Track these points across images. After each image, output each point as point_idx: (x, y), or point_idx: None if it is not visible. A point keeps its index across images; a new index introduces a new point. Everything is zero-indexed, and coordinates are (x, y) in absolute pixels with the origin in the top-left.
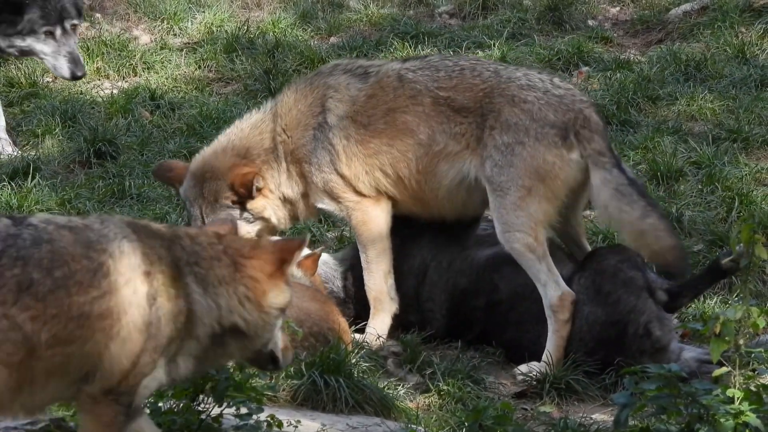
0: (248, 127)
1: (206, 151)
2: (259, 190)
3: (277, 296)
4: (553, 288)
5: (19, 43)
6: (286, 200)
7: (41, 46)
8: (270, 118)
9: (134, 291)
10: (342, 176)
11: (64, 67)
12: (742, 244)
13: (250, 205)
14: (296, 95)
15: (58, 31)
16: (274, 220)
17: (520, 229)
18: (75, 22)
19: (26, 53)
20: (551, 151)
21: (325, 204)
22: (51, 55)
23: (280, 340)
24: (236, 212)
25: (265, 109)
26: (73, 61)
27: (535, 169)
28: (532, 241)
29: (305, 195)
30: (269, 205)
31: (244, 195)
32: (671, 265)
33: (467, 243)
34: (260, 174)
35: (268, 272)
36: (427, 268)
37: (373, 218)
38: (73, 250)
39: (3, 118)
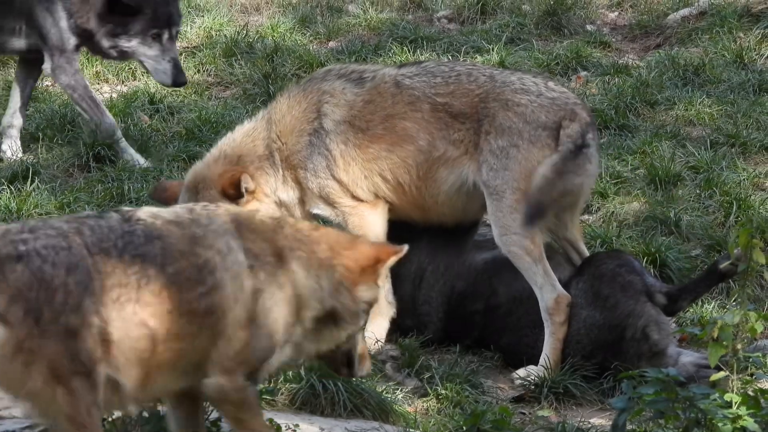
0: (240, 137)
1: (198, 165)
2: (249, 191)
3: (366, 291)
4: (549, 291)
5: (124, 44)
6: (281, 205)
7: (146, 49)
8: (263, 126)
9: (240, 287)
10: (339, 181)
11: (167, 72)
12: (739, 248)
13: (246, 207)
14: (290, 102)
15: (165, 36)
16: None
17: (517, 231)
18: (179, 28)
19: (126, 55)
20: (544, 153)
21: (321, 209)
22: (154, 59)
23: (359, 345)
24: None
25: (257, 118)
26: (176, 67)
27: (529, 172)
28: (528, 243)
29: (301, 201)
30: (263, 209)
31: (233, 196)
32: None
33: (465, 247)
34: (251, 175)
35: (362, 265)
36: (424, 272)
37: (370, 223)
38: (181, 247)
39: (21, 119)
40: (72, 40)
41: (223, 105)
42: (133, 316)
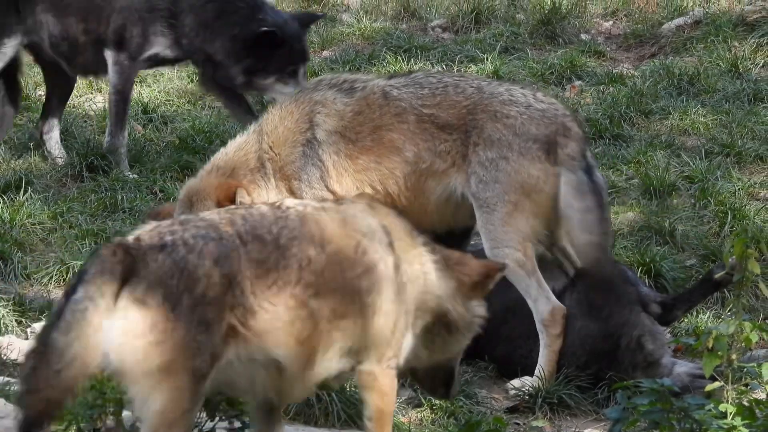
0: (233, 150)
1: (192, 180)
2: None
3: (478, 306)
4: (543, 303)
5: (261, 81)
6: None
7: (281, 86)
8: (254, 139)
9: (386, 265)
10: (333, 192)
11: None
12: (734, 257)
13: None
14: (281, 113)
15: (301, 71)
16: None
17: (509, 244)
18: (307, 63)
19: (255, 89)
20: (535, 165)
21: None
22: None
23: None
24: None
25: (248, 131)
26: None
27: (520, 184)
28: (521, 256)
29: None
30: None
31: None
32: (588, 261)
33: None
34: (245, 189)
35: (473, 280)
36: None
37: None
38: (335, 228)
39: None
40: (148, 52)
41: (216, 115)
42: (291, 298)
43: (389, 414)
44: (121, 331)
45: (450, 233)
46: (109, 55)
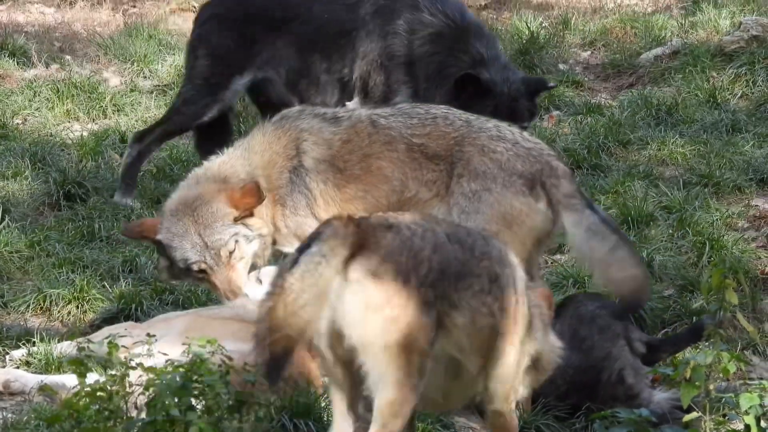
0: (217, 164)
1: (177, 191)
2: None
3: (554, 337)
4: None
5: None
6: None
7: None
8: (242, 155)
9: (522, 302)
10: (319, 220)
11: None
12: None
13: (250, 221)
14: (268, 137)
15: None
16: (267, 238)
17: None
18: (525, 124)
19: None
20: (518, 198)
21: (293, 248)
22: None
23: None
24: (238, 229)
25: (233, 150)
26: None
27: (502, 215)
28: None
29: (272, 239)
30: (264, 225)
31: (252, 205)
32: (632, 293)
33: None
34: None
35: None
36: None
37: None
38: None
39: None
40: (393, 101)
41: (194, 144)
42: (484, 306)
43: None
44: (359, 304)
45: None
46: (355, 103)
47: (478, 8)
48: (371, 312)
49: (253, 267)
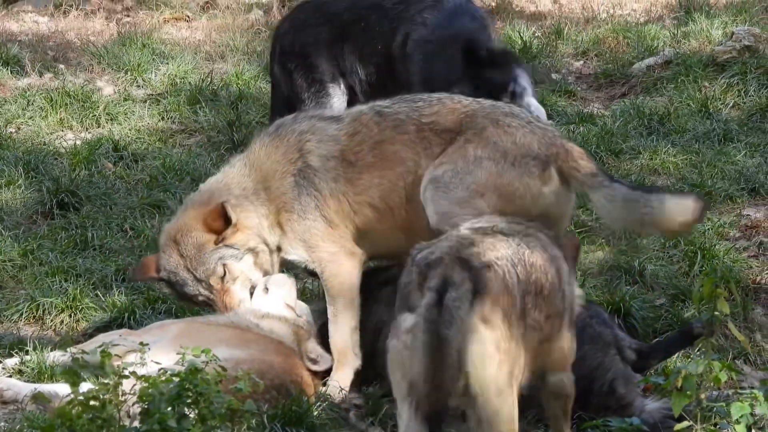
0: (210, 184)
1: (167, 225)
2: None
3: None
4: None
5: None
6: (265, 244)
7: None
8: (240, 171)
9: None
10: (329, 222)
11: None
12: (713, 312)
13: (232, 239)
14: (266, 149)
15: None
16: (261, 248)
17: (468, 214)
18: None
19: None
20: (522, 179)
21: (298, 255)
22: None
23: None
24: (222, 252)
25: (228, 168)
26: None
27: (496, 186)
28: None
29: (278, 247)
30: (251, 238)
31: (221, 227)
32: (696, 218)
33: None
34: (227, 202)
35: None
36: (384, 325)
37: (346, 272)
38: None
39: None
40: None
41: (187, 152)
42: (554, 312)
43: (570, 409)
44: (477, 352)
45: None
46: None
47: None
48: (487, 359)
49: (265, 273)
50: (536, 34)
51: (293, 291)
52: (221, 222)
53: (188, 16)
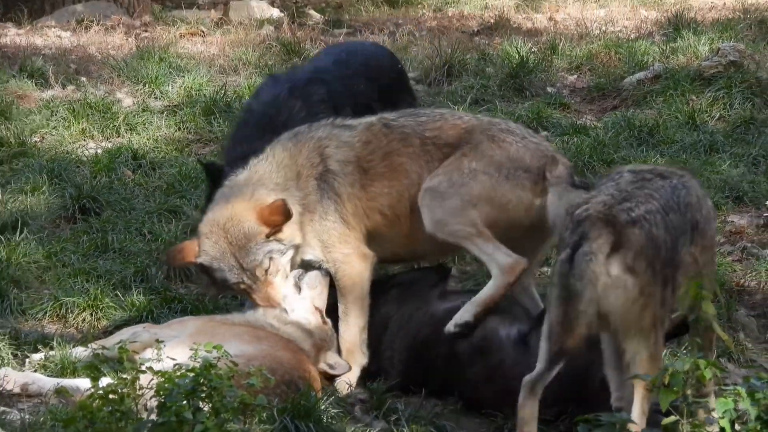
0: (244, 179)
1: (211, 213)
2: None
3: None
4: (503, 255)
5: None
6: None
7: None
8: (268, 167)
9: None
10: (347, 224)
11: None
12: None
13: (282, 234)
14: (290, 151)
15: None
16: (300, 243)
17: (459, 222)
18: None
19: None
20: (515, 191)
21: (314, 255)
22: None
23: None
24: (271, 246)
25: (257, 163)
26: None
27: (489, 198)
28: (471, 230)
29: (297, 247)
30: (296, 233)
31: (279, 222)
32: None
33: (430, 299)
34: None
35: None
36: (389, 321)
37: (358, 273)
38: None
39: None
40: None
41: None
42: (690, 257)
43: None
44: (620, 297)
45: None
46: None
47: (470, 34)
48: (630, 303)
49: (293, 267)
50: (532, 50)
51: (324, 293)
52: (280, 217)
53: (203, 32)
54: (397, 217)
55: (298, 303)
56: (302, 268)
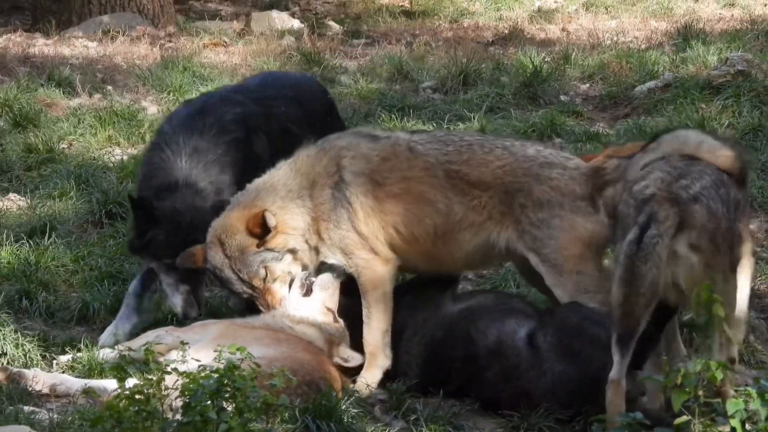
0: (257, 185)
1: (215, 221)
2: (272, 226)
3: None
4: None
5: None
6: (306, 242)
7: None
8: (285, 174)
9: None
10: (360, 234)
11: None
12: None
13: (272, 242)
14: (311, 159)
15: None
16: (301, 248)
17: (586, 290)
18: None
19: None
20: (589, 219)
21: (336, 260)
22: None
23: None
24: (264, 255)
25: (275, 171)
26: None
27: (578, 238)
28: (601, 297)
29: (316, 250)
30: (290, 239)
31: (260, 234)
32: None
33: (442, 303)
34: (273, 213)
35: None
36: (405, 326)
37: (381, 278)
38: None
39: None
40: None
41: None
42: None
43: None
44: (687, 274)
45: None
46: None
47: (486, 45)
48: (698, 278)
49: (304, 267)
50: (546, 59)
51: (336, 294)
52: (260, 228)
53: (226, 42)
54: (415, 238)
55: (309, 304)
56: (328, 271)
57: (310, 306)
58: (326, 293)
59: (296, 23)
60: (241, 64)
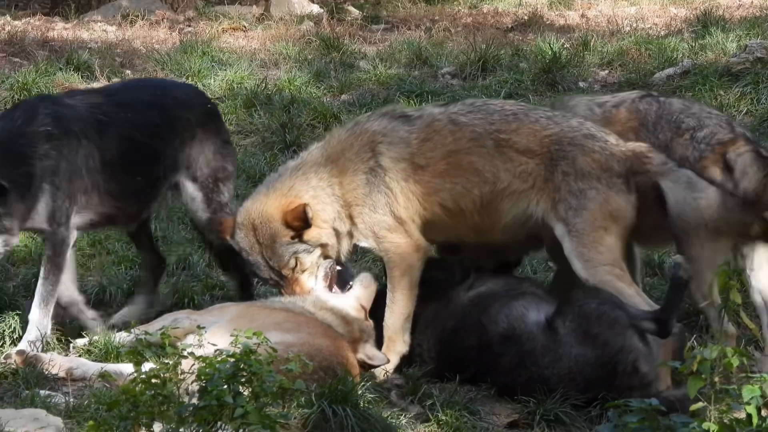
0: (290, 171)
1: (248, 203)
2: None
3: None
4: (646, 308)
5: None
6: (336, 233)
7: None
8: (316, 161)
9: None
10: (397, 218)
11: None
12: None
13: (307, 235)
14: (341, 144)
15: None
16: (331, 243)
17: (605, 262)
18: None
19: None
20: (622, 196)
21: (368, 243)
22: None
23: None
24: (297, 247)
25: (304, 157)
26: None
27: (609, 213)
28: (618, 271)
29: (350, 234)
30: (324, 233)
31: (300, 228)
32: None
33: (455, 295)
34: (308, 205)
35: None
36: (417, 318)
37: (409, 264)
38: None
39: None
40: None
41: (243, 152)
42: None
43: None
44: None
45: (504, 264)
46: None
47: (505, 31)
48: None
49: (327, 258)
50: (565, 46)
51: (372, 295)
52: (301, 222)
53: (245, 27)
54: (461, 211)
55: (345, 297)
56: (359, 253)
57: (345, 300)
58: (365, 291)
59: (315, 8)
60: (260, 49)
